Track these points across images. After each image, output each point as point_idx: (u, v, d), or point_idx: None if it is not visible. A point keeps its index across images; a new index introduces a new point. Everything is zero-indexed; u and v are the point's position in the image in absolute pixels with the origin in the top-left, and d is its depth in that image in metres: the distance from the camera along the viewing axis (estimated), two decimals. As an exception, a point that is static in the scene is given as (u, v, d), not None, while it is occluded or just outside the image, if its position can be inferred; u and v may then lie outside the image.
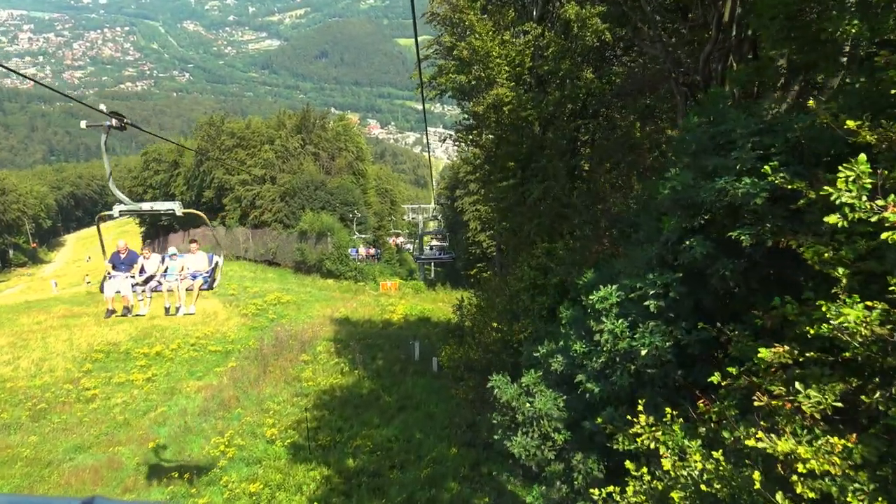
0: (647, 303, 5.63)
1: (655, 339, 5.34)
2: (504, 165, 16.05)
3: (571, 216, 12.49)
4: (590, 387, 5.84)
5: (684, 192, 5.08)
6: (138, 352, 28.84)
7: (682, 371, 5.46)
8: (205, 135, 64.12)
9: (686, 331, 5.49)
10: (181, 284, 13.04)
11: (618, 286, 5.82)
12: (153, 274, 13.18)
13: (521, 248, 16.34)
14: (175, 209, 9.94)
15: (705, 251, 5.16)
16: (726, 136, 5.43)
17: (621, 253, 9.63)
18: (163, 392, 23.72)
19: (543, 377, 6.74)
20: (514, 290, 15.29)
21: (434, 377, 26.29)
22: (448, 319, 38.05)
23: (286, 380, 25.32)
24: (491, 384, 7.28)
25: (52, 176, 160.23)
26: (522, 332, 14.50)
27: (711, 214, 5.31)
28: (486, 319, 15.92)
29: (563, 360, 6.41)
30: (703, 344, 5.34)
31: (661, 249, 5.60)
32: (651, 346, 5.33)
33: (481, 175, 20.67)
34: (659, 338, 5.31)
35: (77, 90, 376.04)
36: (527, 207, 15.82)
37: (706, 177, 5.24)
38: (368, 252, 53.34)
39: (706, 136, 5.28)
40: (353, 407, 22.81)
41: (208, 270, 13.32)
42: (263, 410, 21.66)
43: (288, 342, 29.80)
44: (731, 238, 5.09)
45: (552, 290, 14.13)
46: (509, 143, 15.83)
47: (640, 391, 5.56)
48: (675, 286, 5.53)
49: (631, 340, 5.51)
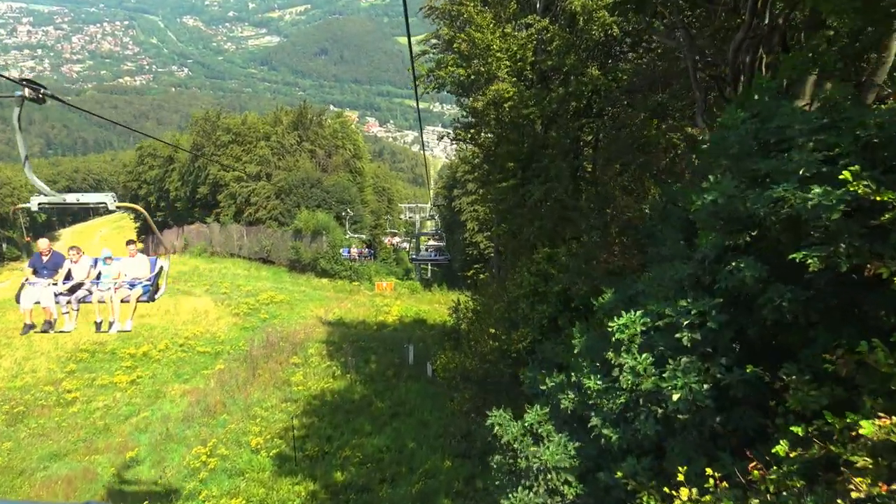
0: (680, 334, 4.72)
1: (690, 380, 4.42)
2: (504, 165, 15.23)
3: (577, 220, 11.69)
4: (607, 433, 4.94)
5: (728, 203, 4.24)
6: (125, 352, 27.99)
7: (721, 416, 4.57)
8: (200, 130, 63.15)
9: (726, 368, 4.54)
10: (115, 295, 10.73)
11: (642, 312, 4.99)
12: (81, 281, 10.74)
13: (521, 252, 15.55)
14: (107, 202, 8.45)
15: (757, 275, 4.25)
16: (778, 134, 4.54)
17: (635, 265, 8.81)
18: (147, 395, 22.88)
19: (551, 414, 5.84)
20: (512, 297, 14.49)
21: (428, 382, 25.50)
22: (444, 322, 37.28)
23: (275, 384, 24.50)
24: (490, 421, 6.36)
25: (48, 170, 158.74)
26: (521, 342, 13.70)
27: (761, 230, 4.52)
28: (483, 327, 15.12)
29: (574, 396, 5.51)
30: (748, 385, 4.41)
31: (695, 269, 4.72)
32: (685, 390, 4.42)
33: (480, 175, 19.85)
34: (694, 378, 4.41)
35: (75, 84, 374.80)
36: (527, 209, 15.02)
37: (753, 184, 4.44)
38: (361, 252, 51.51)
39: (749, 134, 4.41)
40: (343, 413, 22.00)
41: (150, 278, 10.97)
42: (250, 417, 20.82)
43: (279, 344, 28.99)
44: (790, 260, 4.14)
45: (553, 299, 13.33)
46: (509, 142, 15.01)
47: (668, 440, 4.70)
48: (713, 315, 4.61)
49: (658, 380, 4.63)
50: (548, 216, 13.75)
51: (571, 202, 11.98)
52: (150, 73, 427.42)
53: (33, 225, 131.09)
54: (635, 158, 9.54)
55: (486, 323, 15.30)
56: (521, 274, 14.47)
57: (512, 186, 14.97)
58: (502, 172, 15.50)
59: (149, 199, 76.46)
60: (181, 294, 42.42)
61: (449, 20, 17.51)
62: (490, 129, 17.06)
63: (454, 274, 61.77)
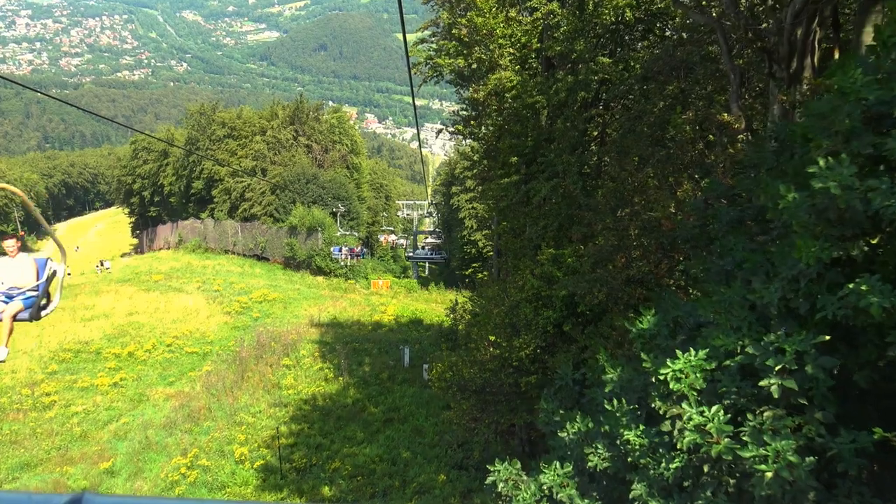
0: (767, 381, 3.39)
1: (783, 448, 3.15)
2: (506, 160, 14.17)
3: (590, 220, 10.67)
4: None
5: (846, 195, 3.07)
6: (110, 352, 26.97)
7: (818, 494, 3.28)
8: (195, 124, 62.03)
9: (827, 427, 3.30)
10: None
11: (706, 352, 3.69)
12: None
13: (523, 252, 14.55)
14: None
15: (888, 303, 2.94)
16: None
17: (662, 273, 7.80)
18: (129, 399, 21.83)
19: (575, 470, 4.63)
20: (513, 301, 13.48)
21: (424, 386, 24.54)
22: (441, 322, 36.32)
23: (265, 387, 23.49)
24: (491, 479, 5.14)
25: (44, 163, 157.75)
26: (524, 349, 12.70)
27: (887, 236, 3.29)
28: (482, 333, 14.10)
29: (605, 451, 4.36)
30: (863, 455, 3.19)
31: (785, 291, 3.47)
32: (782, 464, 3.11)
33: (479, 171, 18.79)
34: (788, 444, 3.16)
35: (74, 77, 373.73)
36: (531, 208, 13.99)
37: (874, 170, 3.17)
38: (353, 251, 49.96)
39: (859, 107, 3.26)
40: (335, 419, 21.02)
41: (37, 286, 7.60)
42: (236, 423, 19.79)
43: (270, 344, 27.96)
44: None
45: (559, 304, 12.33)
46: (512, 135, 13.94)
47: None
48: (813, 355, 3.30)
49: (735, 443, 3.37)
50: (553, 215, 12.72)
51: (585, 199, 10.95)
52: (148, 68, 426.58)
53: (28, 220, 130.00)
54: (655, 152, 8.56)
55: (485, 328, 14.28)
56: (524, 276, 13.46)
57: (514, 182, 13.91)
58: (504, 168, 14.44)
59: (143, 193, 75.40)
60: (172, 291, 41.45)
61: (449, 5, 16.46)
62: (491, 121, 15.99)
63: (452, 272, 60.83)
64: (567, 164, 11.69)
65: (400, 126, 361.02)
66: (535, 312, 12.61)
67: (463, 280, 53.49)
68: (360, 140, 67.23)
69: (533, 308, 12.76)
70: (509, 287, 13.47)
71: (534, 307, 12.79)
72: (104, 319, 33.30)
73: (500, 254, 20.96)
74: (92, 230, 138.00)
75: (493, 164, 15.66)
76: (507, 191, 14.18)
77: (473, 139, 19.30)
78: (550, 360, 12.81)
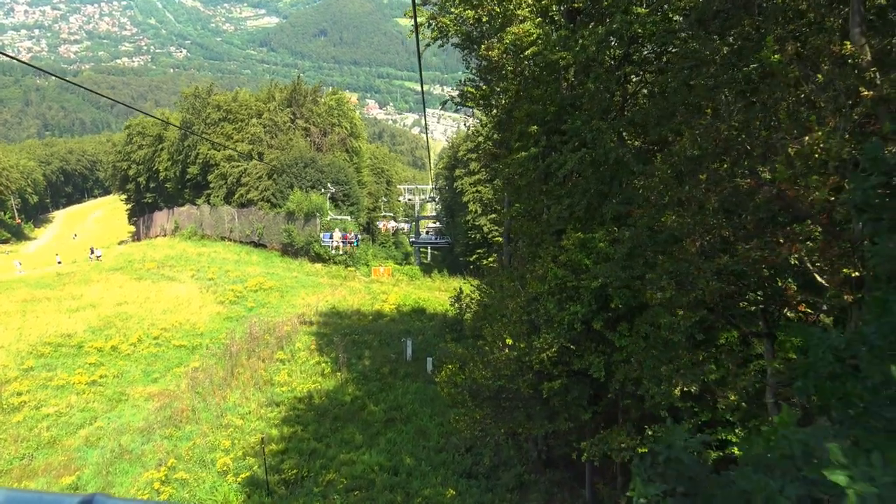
0: None
1: None
2: (523, 130, 12.17)
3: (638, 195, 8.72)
4: None
5: None
6: (92, 346, 25.20)
7: None
8: (189, 107, 59.92)
9: None
10: None
11: None
12: None
13: (542, 237, 12.66)
14: None
15: None
16: None
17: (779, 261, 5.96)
18: (107, 399, 20.02)
19: None
20: (532, 293, 11.61)
21: (428, 381, 22.76)
22: (445, 311, 34.56)
23: (256, 384, 21.70)
24: None
25: (41, 150, 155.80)
26: (546, 350, 10.85)
27: None
28: (496, 330, 12.24)
29: None
30: None
31: None
32: None
33: (488, 147, 16.77)
34: None
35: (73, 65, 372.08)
36: (552, 185, 12.03)
37: None
38: (346, 237, 46.72)
39: None
40: (331, 420, 19.24)
41: None
42: (222, 426, 17.97)
43: (263, 337, 26.17)
44: None
45: (588, 297, 10.46)
46: (531, 100, 11.94)
47: None
48: None
49: None
50: (580, 192, 10.79)
51: (639, 166, 8.93)
52: (148, 54, 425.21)
53: (25, 207, 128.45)
54: (733, 103, 6.68)
55: (499, 325, 12.41)
56: (543, 265, 11.58)
57: (532, 156, 11.94)
58: (521, 139, 12.41)
59: (138, 179, 73.49)
60: (165, 280, 39.74)
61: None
62: (506, 84, 13.95)
63: (455, 259, 59.00)
64: (597, 132, 9.78)
65: (401, 112, 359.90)
66: (558, 307, 10.75)
67: (467, 266, 51.68)
68: (360, 123, 65.13)
69: (556, 302, 10.89)
70: (528, 277, 11.59)
71: (557, 301, 10.93)
72: (91, 310, 31.56)
73: (510, 239, 19.06)
74: (90, 217, 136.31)
75: (508, 135, 13.62)
76: (524, 166, 12.18)
77: (483, 109, 17.28)
78: (577, 363, 10.96)
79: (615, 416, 12.65)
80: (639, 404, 11.79)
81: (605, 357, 10.70)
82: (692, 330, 8.69)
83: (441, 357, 24.14)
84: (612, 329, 10.69)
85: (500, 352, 11.64)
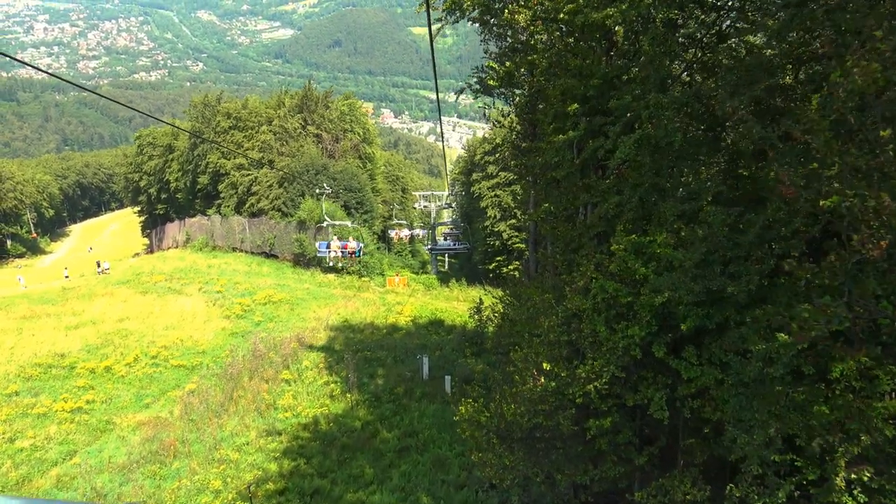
0: None
1: None
2: (559, 111, 9.97)
3: (775, 173, 6.42)
4: None
5: None
6: (85, 367, 23.44)
7: None
8: (199, 115, 58.55)
9: None
10: None
11: None
12: None
13: (580, 242, 10.51)
14: None
15: None
16: None
17: None
18: (91, 429, 18.09)
19: None
20: (571, 310, 9.47)
21: (446, 402, 20.62)
22: (464, 323, 32.44)
23: (258, 408, 19.68)
24: None
25: (58, 164, 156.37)
26: (593, 381, 8.70)
27: None
28: (526, 354, 10.06)
29: None
30: None
31: None
32: None
33: (513, 138, 14.57)
34: None
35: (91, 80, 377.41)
36: (595, 178, 9.81)
37: None
38: (346, 247, 41.68)
39: None
40: (339, 450, 17.15)
41: None
42: (215, 461, 15.89)
43: (268, 355, 24.18)
44: None
45: (647, 316, 8.28)
46: (569, 72, 9.75)
47: None
48: None
49: None
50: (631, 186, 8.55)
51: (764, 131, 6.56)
52: (165, 69, 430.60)
53: (41, 221, 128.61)
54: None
55: (529, 346, 10.26)
56: (585, 275, 9.43)
57: (570, 141, 9.71)
58: (556, 121, 10.25)
59: (150, 191, 72.36)
60: (171, 293, 38.12)
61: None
62: (537, 56, 11.73)
63: (474, 267, 56.84)
64: (657, 107, 7.63)
65: (416, 120, 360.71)
66: (608, 328, 8.59)
67: (486, 275, 49.48)
68: (374, 128, 63.39)
69: (604, 321, 8.73)
70: (568, 291, 9.44)
71: (605, 320, 8.77)
72: (90, 327, 29.92)
73: (537, 245, 16.89)
74: (107, 231, 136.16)
75: (542, 116, 11.33)
76: (560, 153, 10.02)
77: (505, 97, 15.05)
78: (631, 398, 8.79)
79: (673, 457, 10.43)
80: (704, 444, 9.58)
81: (667, 391, 8.53)
82: (797, 361, 6.51)
83: (460, 377, 22.06)
84: (677, 354, 8.51)
85: (535, 382, 9.49)
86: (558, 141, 9.67)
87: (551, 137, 10.04)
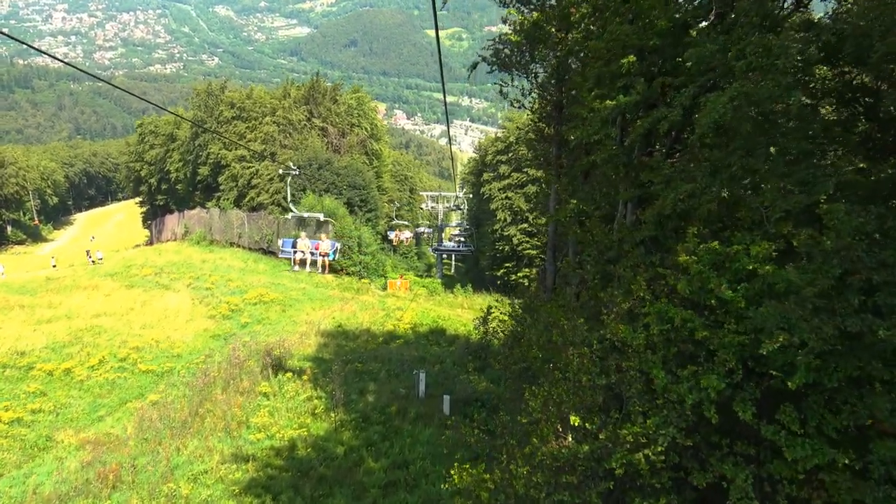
0: None
1: None
2: (606, 71, 7.14)
3: None
4: None
5: None
6: (43, 368, 20.97)
7: None
8: (202, 104, 56.35)
9: None
10: None
11: None
12: None
13: (621, 248, 7.91)
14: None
15: None
16: None
17: None
18: (27, 447, 15.52)
19: None
20: (610, 340, 6.86)
21: (443, 426, 17.98)
22: (468, 333, 29.78)
23: (227, 427, 17.07)
24: None
25: (65, 152, 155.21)
26: (644, 448, 6.06)
27: None
28: (544, 398, 7.42)
29: None
30: None
31: None
32: None
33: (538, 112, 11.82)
34: None
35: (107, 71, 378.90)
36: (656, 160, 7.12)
37: None
38: (317, 247, 37.59)
39: None
40: (314, 483, 14.52)
41: None
42: (162, 495, 13.22)
43: (247, 363, 21.59)
44: None
45: (732, 361, 5.62)
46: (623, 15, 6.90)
47: None
48: None
49: None
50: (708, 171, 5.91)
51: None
52: (180, 62, 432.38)
53: (45, 208, 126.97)
54: None
55: (550, 385, 7.64)
56: (630, 298, 6.83)
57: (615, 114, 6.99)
58: (599, 85, 7.51)
59: (150, 181, 70.26)
60: (158, 288, 35.68)
61: None
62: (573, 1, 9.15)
63: (481, 273, 54.28)
64: (766, 52, 5.05)
65: (429, 122, 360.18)
66: (669, 373, 5.96)
67: (493, 282, 46.84)
68: (382, 124, 60.97)
69: (662, 362, 6.10)
70: (607, 317, 6.84)
71: (663, 359, 6.14)
72: (63, 322, 27.54)
73: (557, 252, 14.26)
74: (112, 221, 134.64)
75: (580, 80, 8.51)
76: (604, 128, 7.37)
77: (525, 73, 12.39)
78: (699, 476, 6.14)
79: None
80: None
81: (753, 466, 5.87)
82: None
83: (461, 398, 19.45)
84: (768, 416, 5.85)
85: (560, 441, 6.88)
86: (604, 109, 7.04)
87: (593, 104, 7.42)
